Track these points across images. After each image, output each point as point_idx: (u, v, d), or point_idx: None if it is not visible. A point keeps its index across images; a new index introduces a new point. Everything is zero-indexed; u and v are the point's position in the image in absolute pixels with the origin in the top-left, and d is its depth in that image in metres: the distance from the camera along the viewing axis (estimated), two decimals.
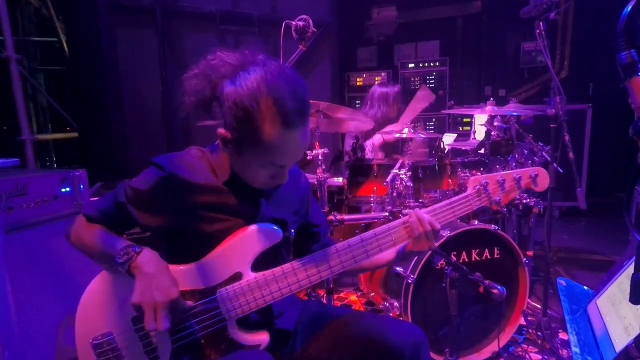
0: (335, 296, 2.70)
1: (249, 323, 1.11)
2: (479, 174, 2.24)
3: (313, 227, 1.31)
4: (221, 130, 1.01)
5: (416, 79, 5.00)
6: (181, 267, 1.08)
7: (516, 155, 2.45)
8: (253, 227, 1.10)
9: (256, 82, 0.95)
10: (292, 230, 1.23)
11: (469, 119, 4.56)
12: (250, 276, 1.08)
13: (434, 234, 1.12)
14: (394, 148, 2.99)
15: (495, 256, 1.98)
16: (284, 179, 1.07)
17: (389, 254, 1.22)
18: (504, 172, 1.22)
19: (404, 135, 2.29)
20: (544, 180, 1.22)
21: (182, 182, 1.07)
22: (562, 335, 2.16)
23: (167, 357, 1.06)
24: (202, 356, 1.07)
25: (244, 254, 1.08)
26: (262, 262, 1.10)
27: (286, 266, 1.09)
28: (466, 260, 1.94)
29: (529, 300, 2.32)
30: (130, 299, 0.98)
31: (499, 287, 1.41)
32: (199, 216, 1.09)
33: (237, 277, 1.08)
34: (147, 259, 1.01)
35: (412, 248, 1.16)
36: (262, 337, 1.11)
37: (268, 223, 1.12)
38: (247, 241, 1.09)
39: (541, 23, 2.00)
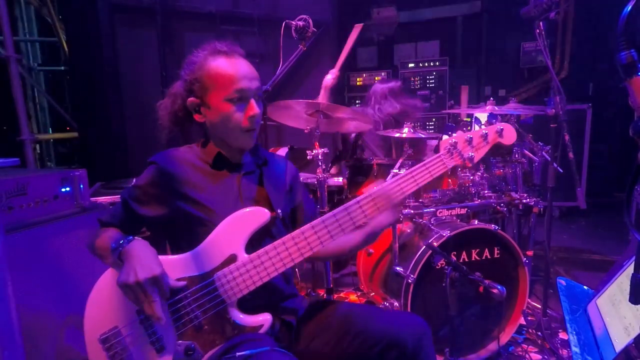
0: (335, 296, 2.70)
1: (252, 309, 1.14)
2: (478, 174, 2.25)
3: (303, 208, 1.39)
4: (190, 99, 1.21)
5: (416, 79, 4.99)
6: (178, 257, 1.13)
7: (516, 155, 2.45)
8: (241, 210, 1.15)
9: (200, 49, 1.23)
10: (279, 210, 1.27)
11: (469, 119, 4.56)
12: (244, 257, 1.12)
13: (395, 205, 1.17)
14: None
15: (495, 256, 1.98)
16: (254, 109, 1.18)
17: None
18: (472, 130, 1.27)
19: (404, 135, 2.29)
20: (510, 134, 1.29)
21: (174, 169, 1.20)
22: (562, 335, 2.16)
23: (172, 346, 1.09)
24: (206, 342, 1.10)
25: (236, 236, 1.13)
26: (256, 243, 1.15)
27: (277, 242, 1.12)
28: (466, 260, 1.94)
29: (529, 300, 2.32)
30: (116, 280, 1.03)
31: (499, 287, 1.42)
32: (192, 200, 1.18)
33: (232, 259, 1.12)
34: (135, 245, 1.08)
35: (379, 222, 1.21)
36: (264, 318, 1.13)
37: (255, 205, 1.19)
38: (237, 224, 1.14)
39: (541, 23, 2.00)
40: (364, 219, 1.15)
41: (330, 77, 2.77)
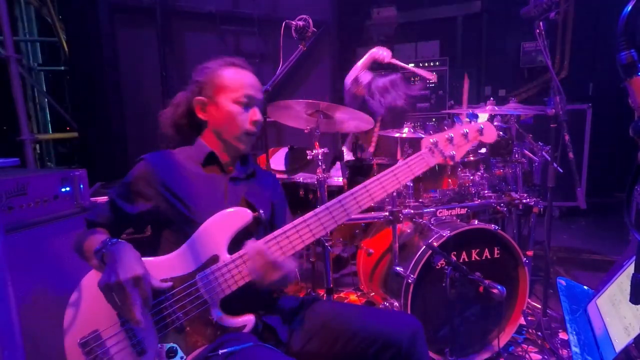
0: (335, 296, 2.70)
1: (235, 310, 1.13)
2: (478, 174, 2.25)
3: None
4: (198, 98, 1.28)
5: (416, 78, 4.99)
6: (160, 258, 1.12)
7: (516, 155, 2.45)
8: (224, 211, 1.16)
9: (214, 58, 1.34)
10: (262, 211, 1.28)
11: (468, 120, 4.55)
12: (226, 257, 1.12)
13: (274, 265, 1.09)
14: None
15: (495, 256, 1.98)
16: (257, 115, 1.29)
17: None
18: (453, 129, 1.29)
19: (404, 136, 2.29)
20: (490, 132, 1.31)
21: (162, 166, 1.22)
22: (562, 335, 2.16)
23: (154, 348, 1.08)
24: (189, 343, 1.09)
25: (218, 237, 1.13)
26: (239, 243, 1.14)
27: (259, 242, 1.12)
28: (466, 260, 1.94)
29: (529, 300, 2.32)
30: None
31: (499, 287, 1.42)
32: (178, 197, 1.19)
33: (214, 260, 1.12)
34: (119, 247, 1.07)
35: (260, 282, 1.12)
36: (247, 319, 1.13)
37: (237, 206, 1.19)
38: (219, 224, 1.14)
39: (541, 23, 1.99)
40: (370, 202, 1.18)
41: (381, 52, 2.79)
